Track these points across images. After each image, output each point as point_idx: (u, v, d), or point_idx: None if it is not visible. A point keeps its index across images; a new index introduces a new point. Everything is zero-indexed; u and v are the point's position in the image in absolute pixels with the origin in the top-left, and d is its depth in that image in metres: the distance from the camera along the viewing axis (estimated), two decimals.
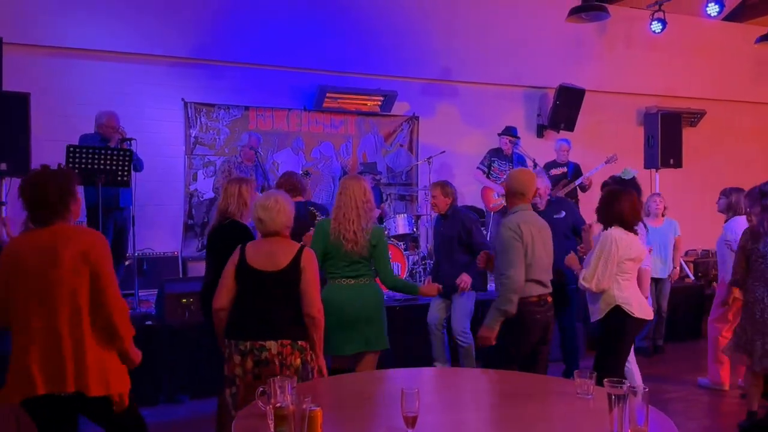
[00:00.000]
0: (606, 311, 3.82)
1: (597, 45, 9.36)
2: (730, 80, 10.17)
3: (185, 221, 7.41)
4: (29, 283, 2.57)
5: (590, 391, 2.57)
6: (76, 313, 2.57)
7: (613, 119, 9.52)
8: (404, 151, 8.52)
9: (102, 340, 2.63)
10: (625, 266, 3.80)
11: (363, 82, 8.14)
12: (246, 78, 7.71)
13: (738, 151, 10.23)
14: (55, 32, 6.79)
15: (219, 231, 3.89)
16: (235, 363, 3.02)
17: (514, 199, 3.82)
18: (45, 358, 2.54)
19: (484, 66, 8.68)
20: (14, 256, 2.61)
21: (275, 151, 7.84)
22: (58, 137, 6.12)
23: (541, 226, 3.80)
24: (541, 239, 3.76)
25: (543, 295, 3.76)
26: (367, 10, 8.09)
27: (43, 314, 2.56)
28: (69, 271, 2.56)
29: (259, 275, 3.05)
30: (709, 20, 8.85)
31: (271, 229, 3.13)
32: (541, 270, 3.74)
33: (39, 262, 2.56)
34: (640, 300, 3.87)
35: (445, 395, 2.90)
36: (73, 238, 2.61)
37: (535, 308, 3.71)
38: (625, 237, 3.79)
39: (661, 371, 5.79)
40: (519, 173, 3.95)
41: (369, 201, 3.80)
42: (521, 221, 3.70)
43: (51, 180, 2.64)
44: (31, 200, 2.63)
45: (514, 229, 3.66)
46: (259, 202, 3.15)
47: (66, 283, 2.56)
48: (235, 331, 3.05)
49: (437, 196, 5.11)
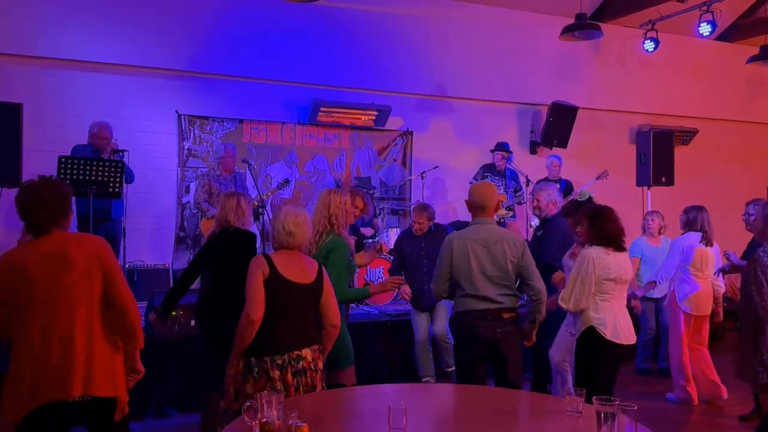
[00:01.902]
0: (581, 331, 3.75)
1: (590, 63, 9.43)
2: (722, 99, 10.26)
3: (177, 233, 7.37)
4: (38, 292, 2.56)
5: (580, 409, 2.56)
6: (89, 316, 2.61)
7: (606, 137, 9.58)
8: (398, 165, 8.53)
9: (112, 343, 2.68)
10: (604, 286, 3.71)
11: (357, 96, 8.17)
12: (240, 91, 7.72)
13: (730, 169, 10.29)
14: (48, 43, 6.79)
15: (222, 237, 3.90)
16: (274, 378, 2.97)
17: (473, 212, 3.83)
18: (52, 365, 2.53)
19: (477, 82, 8.73)
20: (18, 266, 2.59)
21: (269, 165, 7.83)
22: (50, 148, 6.11)
23: (490, 241, 3.67)
24: (487, 253, 3.65)
25: (489, 310, 3.64)
26: (362, 25, 8.13)
27: (53, 320, 2.56)
28: (83, 274, 2.59)
29: (294, 287, 3.09)
30: (701, 40, 8.95)
31: (298, 243, 3.19)
32: (483, 286, 3.64)
33: (49, 268, 2.57)
34: (617, 324, 3.73)
35: (434, 411, 2.88)
36: (81, 242, 2.66)
37: (476, 322, 3.63)
38: (604, 256, 3.71)
39: (658, 389, 5.77)
40: (479, 186, 3.93)
41: (332, 214, 3.76)
42: (461, 236, 3.73)
43: (50, 188, 2.68)
44: (31, 208, 2.63)
45: (446, 243, 3.75)
46: (290, 218, 3.16)
47: (81, 286, 2.59)
48: (270, 347, 3.00)
49: (423, 222, 5.28)
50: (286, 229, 3.13)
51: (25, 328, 2.57)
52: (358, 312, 6.32)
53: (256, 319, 2.97)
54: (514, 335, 3.72)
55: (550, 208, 4.99)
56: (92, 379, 2.56)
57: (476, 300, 3.65)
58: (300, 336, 3.08)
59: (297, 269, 3.13)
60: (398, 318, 6.02)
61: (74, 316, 2.57)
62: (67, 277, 2.57)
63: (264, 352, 2.98)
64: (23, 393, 2.53)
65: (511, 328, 3.69)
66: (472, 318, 3.65)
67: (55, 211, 2.65)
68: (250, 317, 2.97)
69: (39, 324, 2.56)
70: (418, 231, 5.30)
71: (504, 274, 3.67)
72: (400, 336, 5.86)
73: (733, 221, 8.22)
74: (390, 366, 5.82)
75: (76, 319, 2.57)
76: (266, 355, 2.98)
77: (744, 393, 5.06)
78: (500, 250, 3.67)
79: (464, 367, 3.76)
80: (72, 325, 2.57)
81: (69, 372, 2.54)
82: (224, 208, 4.07)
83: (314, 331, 3.17)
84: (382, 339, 5.90)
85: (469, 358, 3.71)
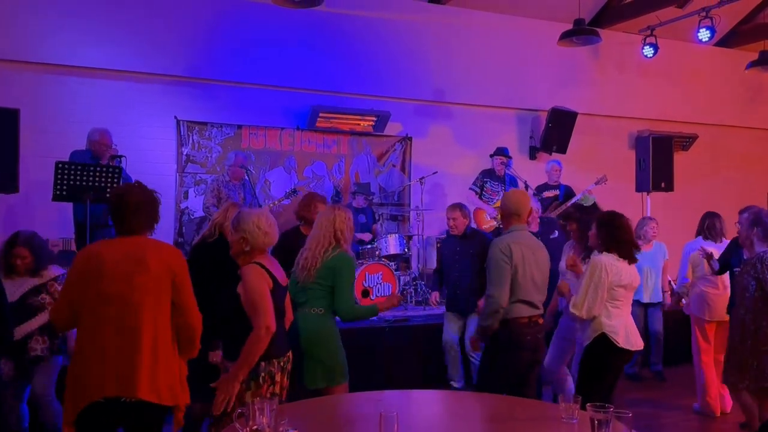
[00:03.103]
0: (592, 338, 3.74)
1: (589, 69, 9.43)
2: (721, 105, 10.25)
3: (175, 239, 7.37)
4: (112, 287, 2.63)
5: (575, 415, 2.54)
6: (156, 320, 2.68)
7: (605, 142, 9.56)
8: (397, 171, 8.53)
9: (175, 349, 2.76)
10: (615, 293, 3.72)
11: (356, 102, 8.17)
12: (239, 97, 7.72)
13: (729, 175, 10.28)
14: (46, 49, 6.80)
15: (205, 247, 3.88)
16: (277, 381, 3.01)
17: (509, 220, 3.84)
18: (118, 362, 2.60)
19: (477, 88, 8.73)
20: (97, 260, 2.68)
21: (267, 170, 7.83)
22: (48, 154, 6.13)
23: (535, 248, 3.79)
24: (534, 260, 3.75)
25: (533, 317, 3.75)
26: (361, 30, 8.14)
27: (122, 319, 2.63)
28: (155, 279, 2.68)
29: (283, 290, 3.16)
30: (700, 46, 8.94)
31: (271, 243, 3.16)
32: (532, 291, 3.73)
33: (125, 267, 2.66)
34: (628, 330, 3.76)
35: (427, 418, 2.86)
36: (159, 249, 2.77)
37: (525, 329, 3.71)
38: (615, 263, 3.73)
39: (656, 396, 5.74)
40: (513, 194, 3.99)
41: (338, 229, 3.66)
42: (512, 242, 3.71)
43: (146, 195, 2.83)
44: (126, 210, 2.75)
45: (504, 250, 3.69)
46: (263, 218, 3.10)
47: (152, 290, 2.67)
48: (275, 349, 3.02)
49: (457, 218, 5.26)
50: (262, 229, 3.07)
51: (93, 321, 2.63)
52: None
53: (273, 330, 2.93)
54: (544, 339, 3.89)
55: (535, 218, 5.06)
56: (156, 384, 2.63)
57: (526, 306, 3.71)
58: (286, 337, 3.19)
59: (279, 272, 3.17)
60: (396, 324, 6.00)
61: (141, 317, 2.65)
62: (139, 279, 2.66)
63: (271, 354, 2.99)
64: (86, 384, 2.60)
65: (543, 333, 3.85)
66: (520, 325, 3.71)
67: (147, 217, 2.80)
68: (270, 329, 2.91)
69: (108, 319, 2.62)
70: (453, 229, 5.32)
71: (545, 280, 3.81)
72: (400, 342, 5.84)
73: (732, 226, 8.23)
74: (389, 372, 5.79)
75: (144, 321, 2.65)
76: (274, 357, 3.00)
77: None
78: (543, 256, 3.82)
79: (516, 375, 3.76)
80: (139, 326, 2.64)
81: (133, 372, 2.59)
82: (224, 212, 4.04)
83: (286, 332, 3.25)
84: (382, 345, 5.87)
85: (520, 365, 3.74)
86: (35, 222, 6.19)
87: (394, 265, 6.94)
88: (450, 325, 5.43)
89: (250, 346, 2.88)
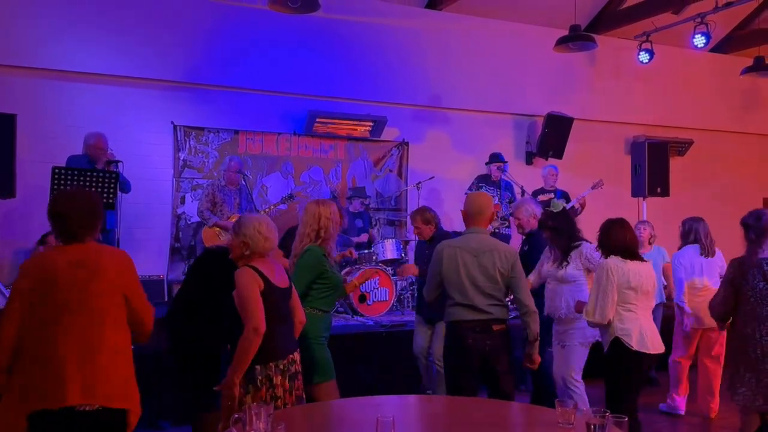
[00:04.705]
0: (608, 343, 3.74)
1: (586, 74, 9.47)
2: (716, 110, 10.30)
3: (172, 244, 7.36)
4: (68, 295, 2.58)
5: (571, 420, 2.54)
6: (114, 325, 2.64)
7: (601, 147, 9.59)
8: (393, 176, 8.54)
9: (129, 354, 2.71)
10: (626, 296, 3.71)
11: (353, 107, 8.18)
12: (236, 102, 7.73)
13: (725, 180, 10.32)
14: (43, 54, 6.80)
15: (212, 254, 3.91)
16: (276, 384, 3.00)
17: (467, 221, 3.84)
18: (80, 369, 2.54)
19: (473, 93, 8.75)
20: (49, 268, 2.61)
21: (264, 175, 7.84)
22: (44, 159, 6.11)
23: (481, 250, 3.67)
24: (476, 263, 3.65)
25: (478, 321, 3.63)
26: (358, 36, 8.16)
27: (82, 326, 2.58)
28: (109, 284, 2.64)
29: (282, 292, 3.15)
30: (695, 51, 8.99)
31: (272, 248, 3.18)
32: (472, 295, 3.62)
33: (78, 275, 2.60)
34: (644, 333, 3.72)
35: (424, 423, 2.86)
36: (108, 253, 2.72)
37: (467, 333, 3.62)
38: (621, 265, 3.73)
39: (654, 400, 5.74)
40: (474, 196, 3.99)
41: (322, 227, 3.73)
42: (452, 244, 3.76)
43: (80, 200, 2.75)
44: (68, 216, 2.67)
45: (437, 251, 3.79)
46: (263, 224, 3.14)
47: (107, 295, 2.63)
48: (273, 352, 3.03)
49: (419, 226, 5.11)
50: (263, 234, 3.10)
51: (49, 331, 2.57)
52: (354, 323, 6.31)
53: (263, 332, 2.94)
54: (504, 348, 3.69)
55: (532, 222, 4.93)
56: (121, 389, 2.60)
57: (465, 309, 3.64)
58: (291, 339, 3.19)
59: (279, 275, 3.17)
60: (394, 329, 5.99)
61: (101, 323, 2.60)
62: (94, 286, 2.61)
63: (269, 358, 2.99)
64: (41, 393, 2.52)
65: (501, 340, 3.66)
66: (461, 329, 3.64)
67: (90, 221, 2.71)
68: (258, 331, 2.92)
69: (64, 327, 2.56)
70: (419, 236, 5.23)
71: (493, 284, 3.65)
72: (396, 347, 5.83)
73: (729, 231, 8.23)
74: (385, 377, 5.78)
75: (103, 327, 2.60)
76: (271, 361, 3.00)
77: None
78: (489, 260, 3.65)
79: (453, 377, 3.73)
80: (99, 332, 2.59)
81: (96, 377, 2.55)
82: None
83: (294, 334, 3.28)
84: (378, 350, 5.87)
85: (458, 369, 3.69)
86: (31, 227, 6.18)
87: (391, 270, 6.94)
88: (419, 335, 5.24)
89: (241, 347, 2.93)
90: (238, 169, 6.79)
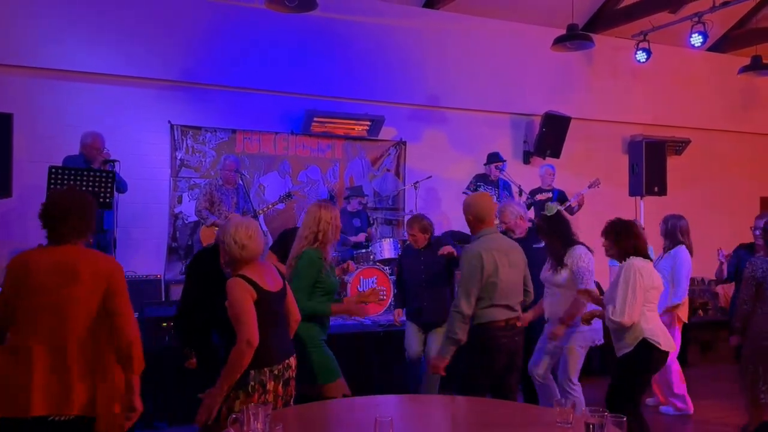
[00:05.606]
0: (634, 345, 3.69)
1: (583, 74, 9.47)
2: (714, 109, 10.30)
3: (169, 244, 7.35)
4: (41, 298, 2.53)
5: (570, 420, 2.54)
6: (88, 333, 2.56)
7: (599, 147, 9.59)
8: (391, 175, 8.53)
9: (111, 360, 2.63)
10: (650, 295, 3.72)
11: (350, 107, 8.17)
12: (233, 101, 7.71)
13: (722, 179, 10.33)
14: (40, 54, 6.78)
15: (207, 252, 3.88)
16: (269, 390, 2.93)
17: (476, 225, 3.78)
18: (48, 378, 2.48)
19: (471, 92, 8.74)
20: (26, 269, 2.57)
21: (262, 175, 7.82)
22: (41, 158, 6.10)
23: (508, 249, 3.72)
24: (508, 262, 3.68)
25: (510, 320, 3.67)
26: (355, 35, 8.15)
27: (52, 331, 2.52)
28: (86, 290, 2.56)
29: (275, 296, 3.07)
30: (693, 51, 8.99)
31: (250, 257, 3.04)
32: (508, 294, 3.66)
33: (54, 278, 2.55)
34: (664, 331, 3.78)
35: (423, 423, 2.86)
36: (93, 259, 2.64)
37: (500, 333, 3.65)
38: (646, 266, 3.75)
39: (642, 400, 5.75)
40: (475, 198, 3.92)
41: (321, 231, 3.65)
42: (483, 249, 3.65)
43: (76, 199, 2.69)
44: (53, 216, 2.63)
45: (471, 258, 3.64)
46: (242, 230, 3.01)
47: (83, 302, 2.55)
48: (267, 357, 2.95)
49: (416, 234, 4.97)
50: (238, 242, 2.97)
51: (22, 335, 2.53)
52: (351, 323, 6.29)
53: (256, 344, 2.86)
54: (522, 343, 3.82)
55: (519, 224, 4.88)
56: (92, 398, 2.53)
57: (500, 309, 3.64)
58: (287, 344, 3.13)
59: (270, 278, 3.08)
60: (391, 328, 5.98)
61: (71, 332, 2.53)
62: (70, 291, 2.54)
63: (263, 363, 2.93)
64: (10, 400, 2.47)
65: (523, 336, 3.78)
66: (493, 329, 3.64)
67: (77, 223, 2.66)
68: (251, 343, 2.84)
69: (36, 331, 2.52)
70: (414, 244, 5.06)
71: (520, 281, 3.76)
72: (394, 347, 5.82)
73: (725, 230, 8.27)
74: (383, 377, 5.78)
75: (71, 335, 2.53)
76: (266, 366, 2.94)
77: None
78: (516, 256, 3.76)
79: (472, 376, 3.71)
80: (69, 339, 2.53)
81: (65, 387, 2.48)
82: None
83: (290, 339, 3.22)
84: (376, 350, 5.86)
85: (482, 368, 3.69)
86: (28, 227, 6.16)
87: (389, 270, 6.93)
88: (413, 340, 5.10)
89: (233, 359, 2.84)
90: (236, 168, 6.77)
